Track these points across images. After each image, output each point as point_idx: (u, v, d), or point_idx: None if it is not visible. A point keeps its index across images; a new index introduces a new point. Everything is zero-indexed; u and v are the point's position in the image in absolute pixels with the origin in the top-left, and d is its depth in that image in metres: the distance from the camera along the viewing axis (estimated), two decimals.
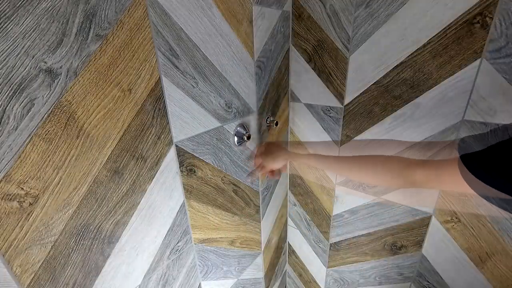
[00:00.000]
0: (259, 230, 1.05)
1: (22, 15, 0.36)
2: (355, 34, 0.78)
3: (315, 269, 1.32)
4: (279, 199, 1.18)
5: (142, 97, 0.53)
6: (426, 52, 0.69)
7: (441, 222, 0.82)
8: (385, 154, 0.56)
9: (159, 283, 0.70)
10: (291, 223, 1.32)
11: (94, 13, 0.43)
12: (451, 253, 0.83)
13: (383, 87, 0.79)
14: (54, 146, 0.43)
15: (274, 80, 0.91)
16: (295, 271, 1.46)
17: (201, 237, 0.79)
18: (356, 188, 0.97)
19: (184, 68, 0.59)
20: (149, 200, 0.60)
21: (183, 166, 0.66)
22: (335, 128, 0.94)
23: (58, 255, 0.47)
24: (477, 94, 0.65)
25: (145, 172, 0.58)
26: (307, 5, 0.86)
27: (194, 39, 0.59)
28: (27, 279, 0.44)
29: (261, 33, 0.78)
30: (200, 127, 0.68)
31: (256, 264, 1.11)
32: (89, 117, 0.46)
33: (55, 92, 0.41)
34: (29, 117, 0.39)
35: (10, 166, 0.39)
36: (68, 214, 0.47)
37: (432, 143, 0.75)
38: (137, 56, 0.50)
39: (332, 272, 1.23)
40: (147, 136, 0.56)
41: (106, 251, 0.55)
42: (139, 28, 0.49)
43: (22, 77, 0.37)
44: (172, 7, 0.53)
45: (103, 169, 0.50)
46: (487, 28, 0.60)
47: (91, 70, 0.44)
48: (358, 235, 1.05)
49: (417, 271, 0.96)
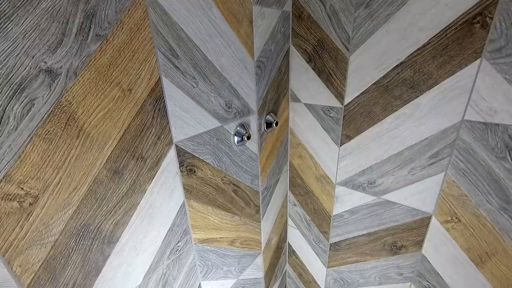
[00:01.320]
0: (259, 230, 1.05)
1: (22, 15, 0.36)
2: (355, 34, 0.78)
3: (315, 269, 1.32)
4: (279, 199, 1.18)
5: (142, 97, 0.53)
6: (426, 52, 0.69)
7: (441, 222, 0.82)
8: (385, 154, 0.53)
9: (159, 283, 0.70)
10: (291, 223, 1.32)
11: (94, 13, 0.43)
12: (451, 253, 0.83)
13: (383, 87, 0.79)
14: (54, 146, 0.43)
15: (274, 80, 0.91)
16: (295, 271, 1.46)
17: (201, 237, 0.79)
18: (356, 188, 0.97)
19: (184, 68, 0.59)
20: (149, 200, 0.60)
21: (183, 166, 0.66)
22: (335, 128, 0.94)
23: (58, 255, 0.47)
24: (477, 94, 0.65)
25: (145, 172, 0.58)
26: (307, 5, 0.86)
27: (194, 39, 0.59)
28: (27, 279, 0.44)
29: (261, 33, 0.78)
30: (200, 127, 0.68)
31: (256, 264, 1.11)
32: (89, 117, 0.46)
33: (55, 92, 0.41)
34: (29, 117, 0.39)
35: (10, 166, 0.39)
36: (68, 214, 0.47)
37: (432, 143, 0.75)
38: (137, 56, 0.50)
39: (332, 272, 1.23)
40: (147, 136, 0.56)
41: (106, 251, 0.55)
42: (139, 28, 0.49)
43: (22, 77, 0.37)
44: (172, 7, 0.53)
45: (103, 169, 0.50)
46: (487, 28, 0.60)
47: (91, 70, 0.44)
48: (358, 235, 1.05)
49: (417, 271, 0.96)
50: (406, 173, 0.83)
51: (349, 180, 0.99)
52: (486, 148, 0.67)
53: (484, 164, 0.69)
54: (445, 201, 0.79)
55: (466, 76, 0.65)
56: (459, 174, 0.73)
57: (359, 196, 0.98)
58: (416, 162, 0.80)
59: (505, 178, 0.66)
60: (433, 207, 0.82)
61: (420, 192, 0.83)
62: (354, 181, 0.97)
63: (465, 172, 0.72)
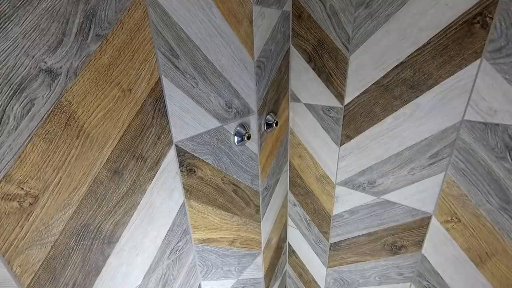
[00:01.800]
0: (259, 230, 1.05)
1: (22, 15, 0.36)
2: (355, 34, 0.78)
3: (315, 269, 1.32)
4: (279, 199, 1.18)
5: (142, 97, 0.53)
6: (426, 52, 0.69)
7: (441, 222, 0.82)
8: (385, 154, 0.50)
9: (159, 283, 0.70)
10: (291, 223, 1.32)
11: (94, 13, 0.43)
12: (451, 253, 0.83)
13: (383, 87, 0.79)
14: (54, 146, 0.43)
15: (274, 80, 0.91)
16: (295, 271, 1.46)
17: (201, 237, 0.79)
18: (356, 188, 0.97)
19: (184, 68, 0.59)
20: (149, 200, 0.60)
21: (183, 166, 0.66)
22: (335, 128, 0.94)
23: (58, 255, 0.47)
24: (477, 94, 0.65)
25: (145, 172, 0.58)
26: (307, 5, 0.86)
27: (194, 39, 0.59)
28: (27, 279, 0.44)
29: (261, 33, 0.78)
30: (200, 127, 0.68)
31: (256, 264, 1.11)
32: (89, 117, 0.46)
33: (55, 92, 0.41)
34: (29, 117, 0.39)
35: (10, 166, 0.39)
36: (68, 214, 0.47)
37: (432, 143, 0.75)
38: (137, 56, 0.50)
39: (332, 272, 1.23)
40: (147, 136, 0.56)
41: (106, 251, 0.55)
42: (139, 28, 0.49)
43: (22, 77, 0.37)
44: (172, 7, 0.53)
45: (103, 169, 0.50)
46: (487, 28, 0.60)
47: (91, 70, 0.44)
48: (358, 235, 1.05)
49: (417, 271, 0.96)
50: (406, 173, 0.83)
51: (349, 180, 0.99)
52: (486, 148, 0.67)
53: (484, 164, 0.69)
54: (445, 201, 0.79)
55: (466, 76, 0.65)
56: (459, 174, 0.73)
57: (359, 196, 0.98)
58: (416, 162, 0.80)
59: (505, 178, 0.66)
60: (433, 207, 0.82)
61: (420, 192, 0.83)
62: (354, 181, 0.97)
63: (465, 172, 0.72)
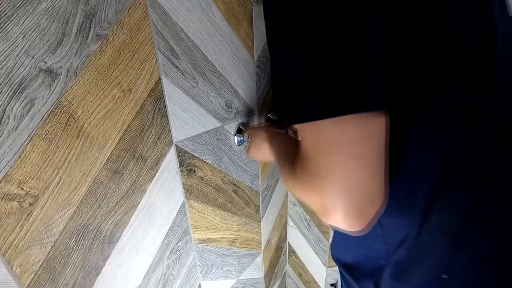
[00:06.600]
0: (259, 230, 1.05)
1: (22, 15, 0.36)
2: None
3: (315, 269, 1.32)
4: (279, 199, 1.18)
5: (142, 97, 0.53)
6: None
7: None
8: None
9: (159, 283, 0.70)
10: (291, 223, 1.32)
11: (94, 13, 0.43)
12: None
13: None
14: (54, 146, 0.43)
15: None
16: (295, 271, 1.46)
17: (201, 237, 0.79)
18: None
19: (184, 68, 0.59)
20: (149, 200, 0.60)
21: (183, 166, 0.66)
22: None
23: (58, 255, 0.47)
24: None
25: (145, 172, 0.58)
26: None
27: (194, 39, 0.59)
28: (27, 279, 0.44)
29: (261, 33, 0.78)
30: (200, 127, 0.68)
31: (256, 264, 1.11)
32: (89, 117, 0.46)
33: (55, 92, 0.41)
34: (29, 117, 0.39)
35: (10, 166, 0.39)
36: (68, 214, 0.47)
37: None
38: (137, 56, 0.50)
39: (332, 272, 1.23)
40: (147, 136, 0.56)
41: (106, 251, 0.55)
42: (139, 28, 0.49)
43: (22, 77, 0.37)
44: (172, 7, 0.53)
45: (103, 169, 0.50)
46: None
47: (91, 70, 0.44)
48: None
49: None
50: None
51: None
52: None
53: None
54: None
55: None
56: None
57: None
58: None
59: None
60: None
61: None
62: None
63: None
